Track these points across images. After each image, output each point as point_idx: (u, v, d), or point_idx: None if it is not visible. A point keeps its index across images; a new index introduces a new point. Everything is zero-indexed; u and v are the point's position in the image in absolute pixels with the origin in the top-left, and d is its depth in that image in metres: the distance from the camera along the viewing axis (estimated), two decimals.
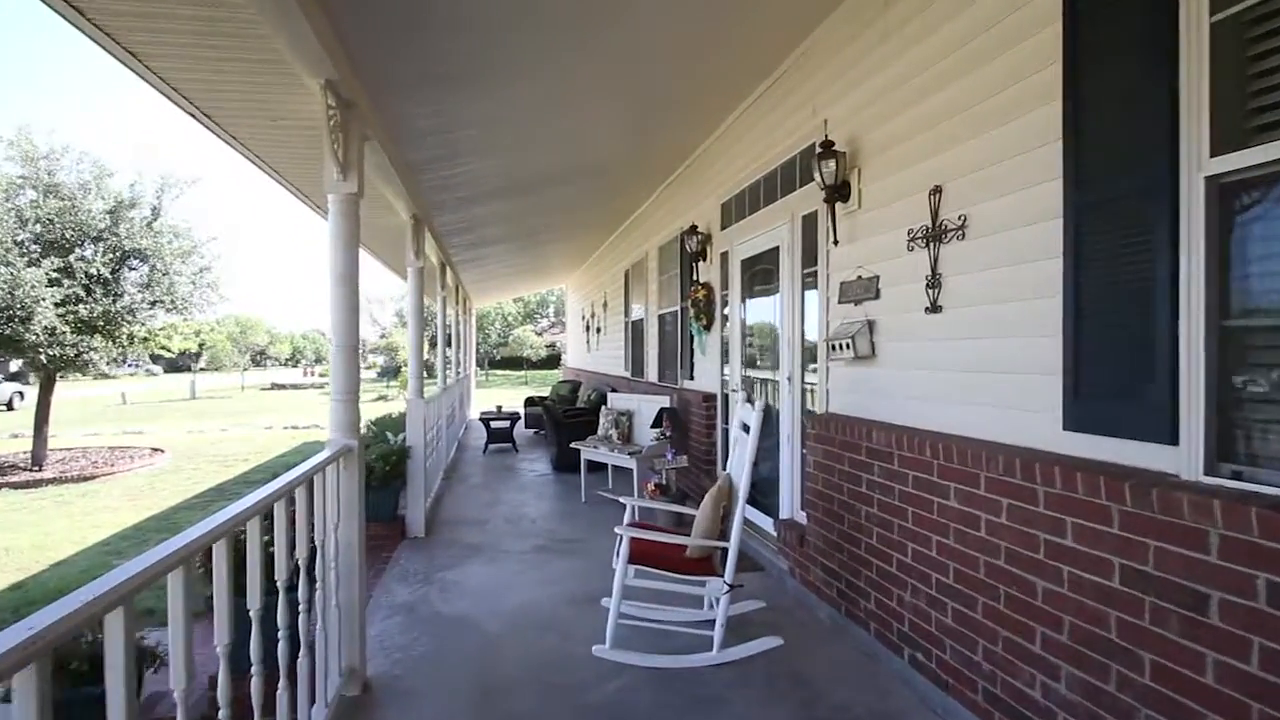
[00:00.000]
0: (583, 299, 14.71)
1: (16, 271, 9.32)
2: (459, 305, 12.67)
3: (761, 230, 4.71)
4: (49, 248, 10.11)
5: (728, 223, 5.43)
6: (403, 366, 30.87)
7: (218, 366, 60.42)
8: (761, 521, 4.69)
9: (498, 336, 46.28)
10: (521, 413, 11.23)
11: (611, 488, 6.87)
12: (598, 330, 12.53)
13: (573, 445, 6.96)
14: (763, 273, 4.78)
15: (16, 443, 13.68)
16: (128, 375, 48.98)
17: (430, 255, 7.28)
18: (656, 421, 6.36)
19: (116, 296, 10.68)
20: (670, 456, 5.77)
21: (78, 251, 10.36)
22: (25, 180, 10.22)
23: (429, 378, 8.67)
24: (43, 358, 10.07)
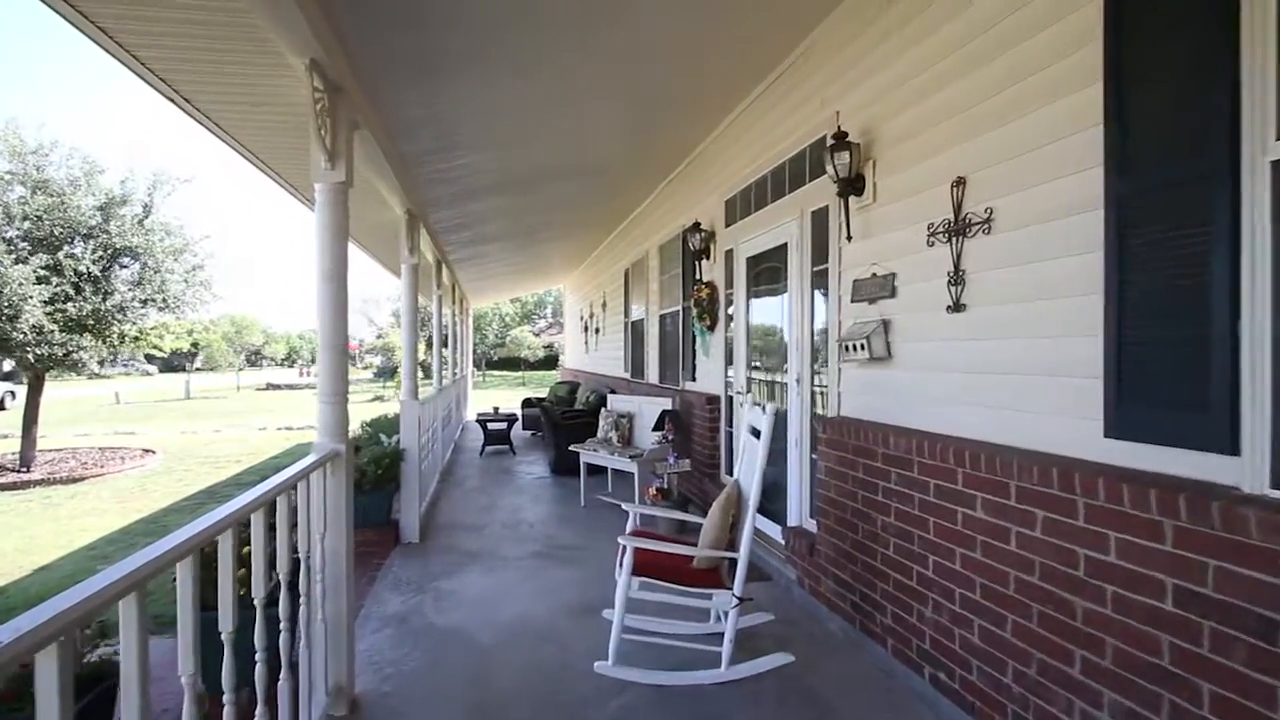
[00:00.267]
0: (581, 299, 14.53)
1: (4, 269, 9.10)
2: (455, 305, 12.51)
3: (768, 227, 4.55)
4: (37, 244, 9.85)
5: (732, 220, 5.27)
6: (399, 367, 30.74)
7: (213, 366, 60.21)
8: (768, 528, 4.53)
9: (495, 337, 46.16)
10: (519, 414, 11.04)
11: (611, 492, 6.70)
12: (596, 331, 12.35)
13: (571, 448, 6.77)
14: (769, 271, 4.62)
15: (4, 443, 13.45)
16: (122, 375, 48.79)
17: (426, 253, 7.13)
18: (658, 424, 6.19)
19: (107, 295, 10.45)
20: (673, 460, 5.60)
21: (67, 249, 10.13)
22: (13, 176, 9.98)
23: (425, 378, 8.53)
24: (30, 356, 9.84)
